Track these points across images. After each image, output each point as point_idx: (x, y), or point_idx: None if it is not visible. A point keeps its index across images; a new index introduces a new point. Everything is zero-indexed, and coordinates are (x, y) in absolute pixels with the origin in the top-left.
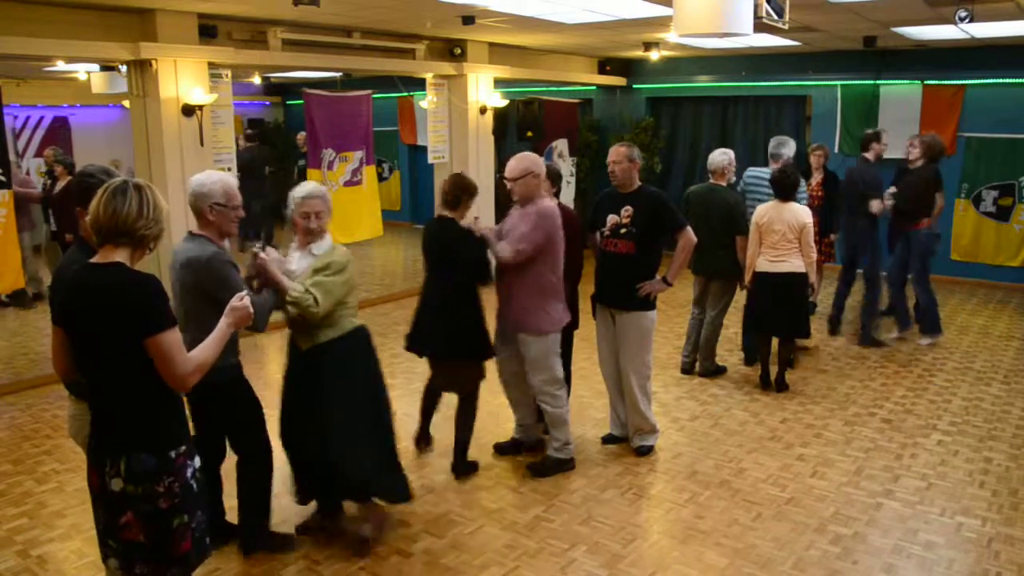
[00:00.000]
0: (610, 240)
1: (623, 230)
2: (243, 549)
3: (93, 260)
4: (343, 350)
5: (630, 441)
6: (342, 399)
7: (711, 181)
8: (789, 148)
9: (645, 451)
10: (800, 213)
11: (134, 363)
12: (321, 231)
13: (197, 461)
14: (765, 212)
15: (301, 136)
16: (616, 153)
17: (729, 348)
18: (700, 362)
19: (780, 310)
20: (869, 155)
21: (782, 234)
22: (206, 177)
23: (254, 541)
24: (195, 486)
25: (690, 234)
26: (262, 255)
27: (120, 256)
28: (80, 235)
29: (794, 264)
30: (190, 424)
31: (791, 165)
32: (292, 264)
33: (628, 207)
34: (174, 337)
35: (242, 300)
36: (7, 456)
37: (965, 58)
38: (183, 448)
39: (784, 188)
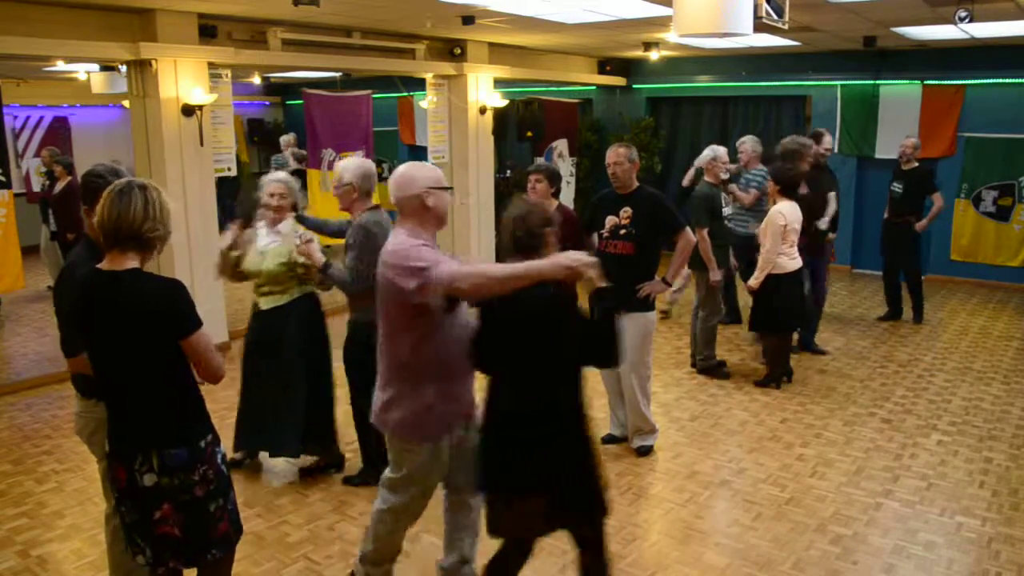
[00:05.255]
0: (609, 241)
1: (622, 231)
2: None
3: (105, 267)
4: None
5: (630, 441)
6: None
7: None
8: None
9: (645, 451)
10: (800, 210)
11: (162, 363)
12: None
13: (222, 447)
14: (790, 212)
15: (285, 138)
16: (616, 154)
17: (729, 348)
18: (693, 356)
19: (803, 303)
20: None
21: (796, 232)
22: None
23: None
24: (225, 470)
25: (689, 235)
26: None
27: (132, 262)
28: (86, 233)
29: (800, 259)
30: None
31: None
32: (261, 240)
33: (627, 208)
34: (206, 334)
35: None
36: (7, 456)
37: (965, 58)
38: (210, 437)
39: (796, 185)
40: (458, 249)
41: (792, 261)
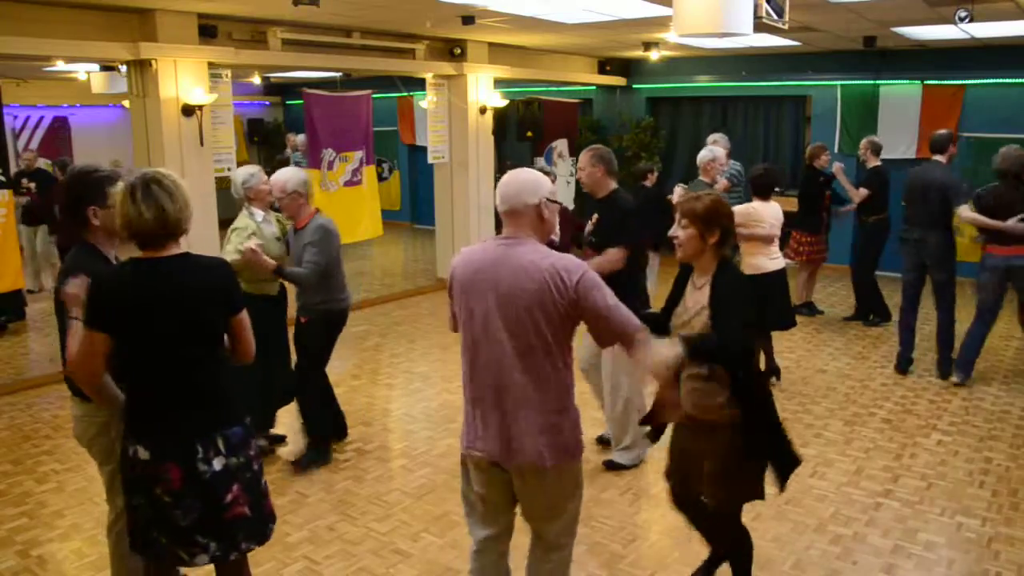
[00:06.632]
0: (585, 249)
1: (589, 239)
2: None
3: (156, 255)
4: None
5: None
6: None
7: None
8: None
9: (612, 467)
10: (779, 210)
11: (218, 343)
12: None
13: None
14: (764, 209)
15: (291, 138)
16: (581, 159)
17: None
18: None
19: (788, 304)
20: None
21: (775, 230)
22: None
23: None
24: None
25: (615, 254)
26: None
27: (176, 248)
28: (84, 238)
29: (782, 260)
30: None
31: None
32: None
33: (595, 214)
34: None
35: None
36: (7, 456)
37: (965, 58)
38: (249, 416)
39: (771, 187)
40: (458, 250)
41: (771, 261)
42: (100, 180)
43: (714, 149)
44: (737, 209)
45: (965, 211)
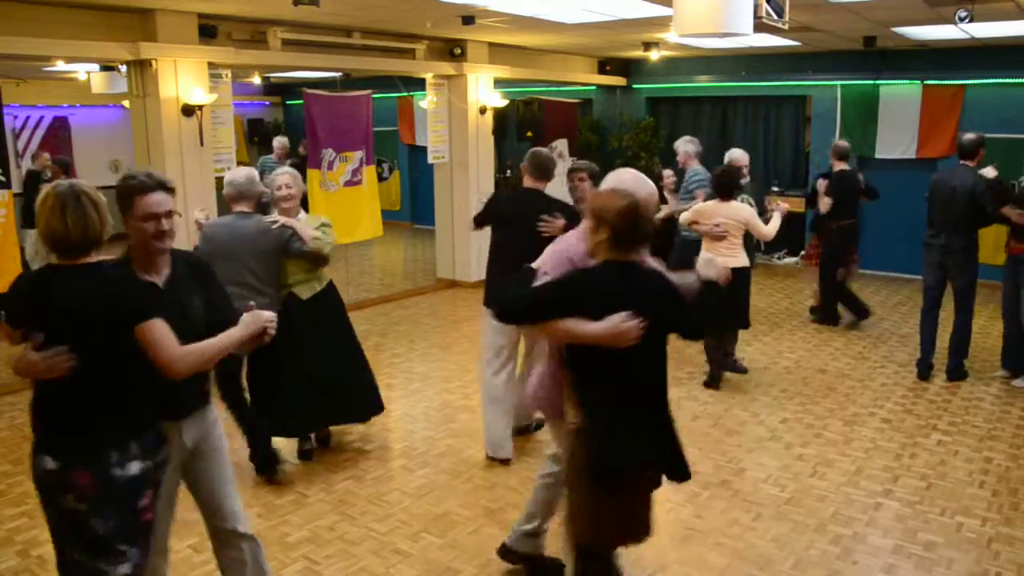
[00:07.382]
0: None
1: None
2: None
3: (72, 263)
4: (332, 297)
5: None
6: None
7: None
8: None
9: None
10: (741, 210)
11: (121, 353)
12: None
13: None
14: (722, 209)
15: (278, 141)
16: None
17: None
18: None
19: (742, 305)
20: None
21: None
22: None
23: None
24: None
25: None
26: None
27: (94, 257)
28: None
29: (741, 259)
30: None
31: (733, 167)
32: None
33: None
34: (161, 324)
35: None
36: (7, 456)
37: (965, 58)
38: (160, 423)
39: (729, 187)
40: (458, 250)
41: (727, 260)
42: (130, 189)
43: (732, 152)
44: (719, 209)
45: (1010, 211)
